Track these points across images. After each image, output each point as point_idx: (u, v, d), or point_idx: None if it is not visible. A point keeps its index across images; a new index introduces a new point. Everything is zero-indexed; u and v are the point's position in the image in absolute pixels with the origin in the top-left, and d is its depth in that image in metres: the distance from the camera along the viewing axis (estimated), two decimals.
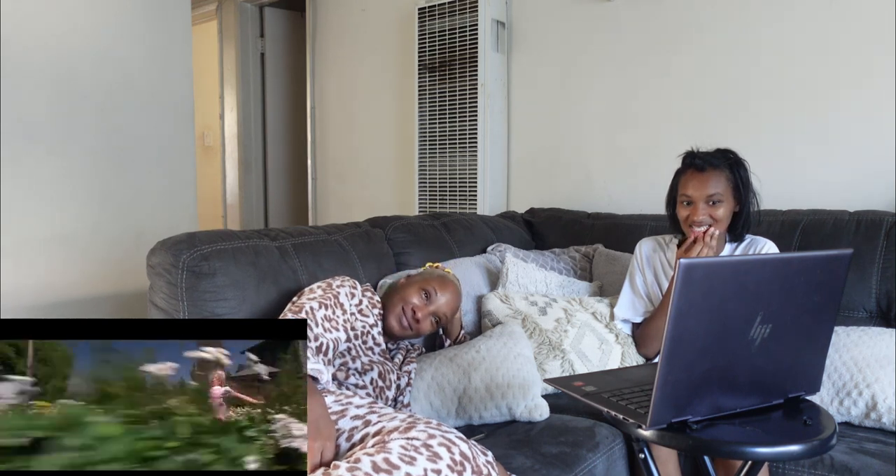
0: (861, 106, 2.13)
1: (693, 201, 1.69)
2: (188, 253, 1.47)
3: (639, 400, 1.12)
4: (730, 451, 1.04)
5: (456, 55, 2.91)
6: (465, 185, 2.95)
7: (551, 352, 1.83)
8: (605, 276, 2.21)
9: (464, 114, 2.92)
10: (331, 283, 1.53)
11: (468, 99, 2.89)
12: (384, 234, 2.04)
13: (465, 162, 2.94)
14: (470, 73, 2.87)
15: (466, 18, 2.85)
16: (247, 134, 4.34)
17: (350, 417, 1.14)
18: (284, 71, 4.40)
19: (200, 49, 3.84)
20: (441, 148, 3.03)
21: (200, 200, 3.10)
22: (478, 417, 1.62)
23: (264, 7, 4.30)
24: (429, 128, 3.06)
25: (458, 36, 2.89)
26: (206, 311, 1.46)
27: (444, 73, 2.96)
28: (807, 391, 1.17)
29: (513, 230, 2.51)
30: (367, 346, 1.57)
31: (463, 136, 2.93)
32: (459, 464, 1.01)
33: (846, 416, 1.63)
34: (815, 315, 1.11)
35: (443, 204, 3.05)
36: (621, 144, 2.65)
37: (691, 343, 0.99)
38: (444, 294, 1.69)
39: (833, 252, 1.10)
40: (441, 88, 2.98)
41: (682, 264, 0.93)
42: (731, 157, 1.71)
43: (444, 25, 2.93)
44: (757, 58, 2.31)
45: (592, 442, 1.52)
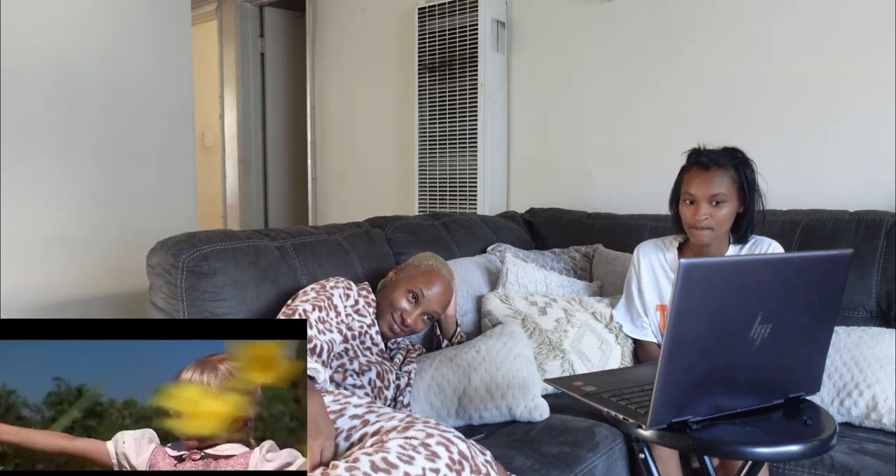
0: (861, 106, 2.13)
1: (696, 200, 1.64)
2: (188, 253, 1.47)
3: (639, 400, 1.12)
4: (730, 451, 1.04)
5: (456, 55, 2.91)
6: (465, 185, 2.95)
7: (551, 352, 1.83)
8: (605, 276, 2.21)
9: (464, 114, 2.92)
10: (324, 284, 1.52)
11: (468, 99, 2.89)
12: (384, 234, 2.04)
13: (465, 162, 2.94)
14: (470, 73, 2.87)
15: (466, 18, 2.85)
16: (247, 134, 4.34)
17: (349, 417, 1.14)
18: (284, 71, 4.40)
19: (200, 49, 3.84)
20: (441, 148, 3.03)
21: (200, 200, 3.10)
22: (478, 417, 1.62)
23: (264, 7, 4.30)
24: (429, 128, 3.06)
25: (458, 36, 2.89)
26: (206, 311, 1.46)
27: (444, 73, 2.96)
28: (807, 391, 1.17)
29: (513, 230, 2.51)
30: (366, 346, 1.57)
31: (463, 136, 2.93)
32: (458, 463, 1.01)
33: (846, 417, 1.63)
34: (816, 315, 1.11)
35: (443, 204, 3.05)
36: (621, 144, 2.65)
37: (691, 343, 0.99)
38: (432, 290, 1.64)
39: (833, 252, 1.10)
40: (441, 88, 2.98)
41: (682, 264, 0.93)
42: (738, 156, 1.66)
43: (444, 25, 2.93)
44: (757, 58, 2.31)
45: (592, 442, 1.52)
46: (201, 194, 3.27)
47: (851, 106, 2.14)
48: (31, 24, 2.34)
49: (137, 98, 2.66)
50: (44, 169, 2.39)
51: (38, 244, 2.37)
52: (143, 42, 2.68)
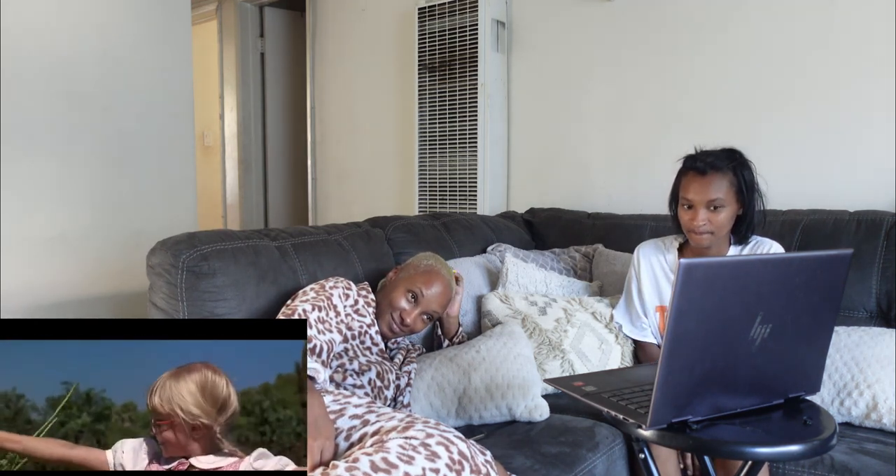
0: (861, 106, 2.13)
1: (694, 205, 1.63)
2: (188, 253, 1.47)
3: (639, 400, 1.12)
4: (730, 451, 1.03)
5: (456, 55, 2.91)
6: (465, 185, 2.95)
7: (551, 352, 1.83)
8: (605, 276, 2.21)
9: (464, 114, 2.92)
10: (324, 284, 1.52)
11: (468, 99, 2.89)
12: (384, 234, 2.04)
13: (465, 162, 2.94)
14: (470, 73, 2.87)
15: (466, 18, 2.85)
16: (247, 134, 4.34)
17: (348, 417, 1.14)
18: (284, 71, 4.40)
19: (200, 49, 3.84)
20: (441, 148, 3.03)
21: (200, 200, 3.10)
22: (478, 417, 1.62)
23: (264, 7, 4.30)
24: (429, 128, 3.06)
25: (458, 36, 2.89)
26: (206, 311, 1.46)
27: (444, 73, 2.96)
28: (807, 391, 1.17)
29: (513, 230, 2.51)
30: (365, 345, 1.57)
31: (463, 136, 2.93)
32: (458, 463, 1.01)
33: (846, 417, 1.63)
34: (815, 315, 1.11)
35: (443, 204, 3.05)
36: (621, 144, 2.65)
37: (691, 343, 0.99)
38: (431, 290, 1.64)
39: (833, 252, 1.10)
40: (441, 88, 2.98)
41: (682, 264, 0.93)
42: (736, 158, 1.64)
43: (443, 25, 2.93)
44: (756, 58, 2.31)
45: (592, 442, 1.52)
46: (201, 194, 3.27)
47: (851, 106, 2.14)
48: (31, 25, 2.34)
49: (137, 98, 2.66)
50: (44, 169, 2.39)
51: (38, 244, 2.37)
52: (143, 42, 2.67)
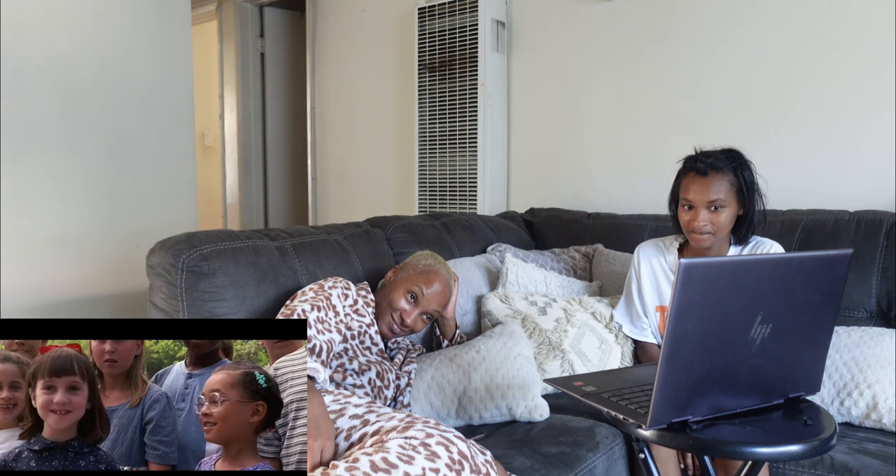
0: (861, 106, 2.13)
1: (694, 206, 1.63)
2: (188, 253, 1.47)
3: (639, 400, 1.12)
4: (730, 451, 1.03)
5: (456, 55, 2.91)
6: (465, 185, 2.95)
7: (551, 352, 1.83)
8: (605, 276, 2.21)
9: (464, 114, 2.92)
10: (323, 284, 1.52)
11: (468, 99, 2.89)
12: (384, 234, 2.04)
13: (465, 162, 2.94)
14: (470, 73, 2.87)
15: (466, 18, 2.85)
16: (247, 134, 4.34)
17: (348, 417, 1.14)
18: (284, 71, 4.40)
19: (200, 49, 3.84)
20: (441, 148, 3.03)
21: (200, 200, 3.10)
22: (478, 417, 1.62)
23: (264, 7, 4.30)
24: (429, 128, 3.06)
25: (458, 36, 2.89)
26: (206, 312, 1.46)
27: (444, 73, 2.96)
28: (807, 391, 1.17)
29: (513, 230, 2.51)
30: (365, 345, 1.57)
31: (463, 136, 2.93)
32: (458, 463, 1.01)
33: (846, 417, 1.63)
34: (815, 315, 1.11)
35: (443, 204, 3.05)
36: (621, 144, 2.65)
37: (691, 343, 0.99)
38: (431, 290, 1.64)
39: (833, 252, 1.10)
40: (441, 88, 2.98)
41: (682, 264, 0.94)
42: (736, 158, 1.64)
43: (443, 25, 2.93)
44: (757, 57, 2.31)
45: (592, 442, 1.52)
46: (201, 194, 3.27)
47: (851, 106, 2.14)
48: (32, 25, 2.34)
49: (137, 98, 2.66)
50: (44, 169, 2.39)
51: (38, 244, 2.38)
52: (143, 42, 2.68)
